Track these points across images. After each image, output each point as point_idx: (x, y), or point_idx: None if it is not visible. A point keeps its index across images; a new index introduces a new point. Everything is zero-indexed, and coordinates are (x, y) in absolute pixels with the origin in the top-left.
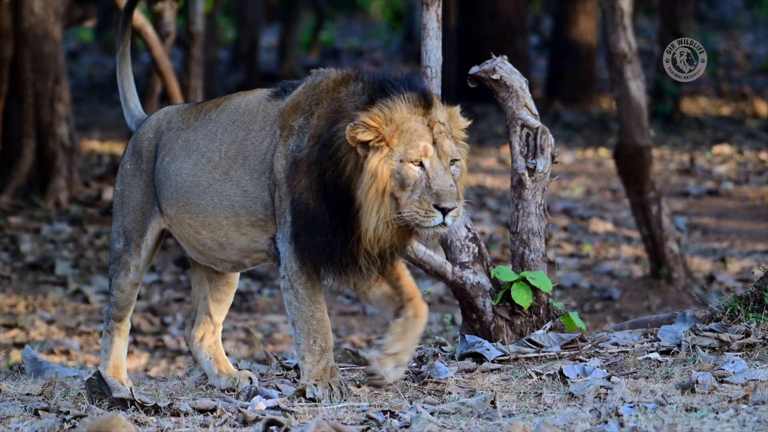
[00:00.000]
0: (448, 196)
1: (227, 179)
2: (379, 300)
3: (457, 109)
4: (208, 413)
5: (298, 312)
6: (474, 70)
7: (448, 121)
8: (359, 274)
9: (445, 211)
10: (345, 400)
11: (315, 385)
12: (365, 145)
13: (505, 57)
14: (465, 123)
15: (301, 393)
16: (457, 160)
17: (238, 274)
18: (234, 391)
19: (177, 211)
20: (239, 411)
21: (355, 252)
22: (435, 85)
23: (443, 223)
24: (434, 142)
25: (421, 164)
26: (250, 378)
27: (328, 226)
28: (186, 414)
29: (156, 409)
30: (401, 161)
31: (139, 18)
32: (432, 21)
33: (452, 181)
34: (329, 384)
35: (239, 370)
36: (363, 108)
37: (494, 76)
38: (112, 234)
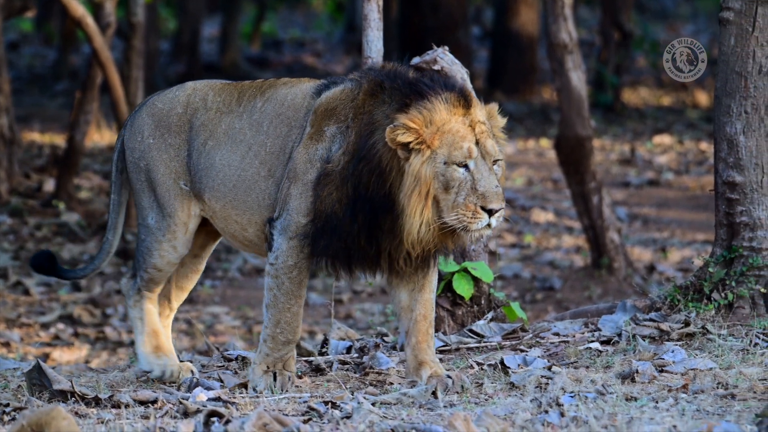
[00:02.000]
0: (494, 197)
1: (270, 176)
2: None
3: (494, 106)
4: (149, 405)
5: (276, 300)
6: (415, 60)
7: (488, 120)
8: (388, 270)
9: (491, 213)
10: (286, 391)
11: (259, 379)
12: (406, 147)
13: (447, 48)
14: (503, 121)
15: (243, 385)
16: (499, 159)
17: (205, 263)
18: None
19: (223, 206)
20: (180, 402)
21: (390, 252)
22: None
23: (488, 225)
24: (477, 143)
25: (465, 166)
26: (191, 370)
27: (348, 231)
28: (127, 406)
29: (97, 401)
30: (445, 163)
31: (80, 9)
32: (373, 12)
33: (497, 182)
34: (273, 374)
35: (181, 362)
36: (401, 110)
37: (435, 67)
38: (143, 210)
